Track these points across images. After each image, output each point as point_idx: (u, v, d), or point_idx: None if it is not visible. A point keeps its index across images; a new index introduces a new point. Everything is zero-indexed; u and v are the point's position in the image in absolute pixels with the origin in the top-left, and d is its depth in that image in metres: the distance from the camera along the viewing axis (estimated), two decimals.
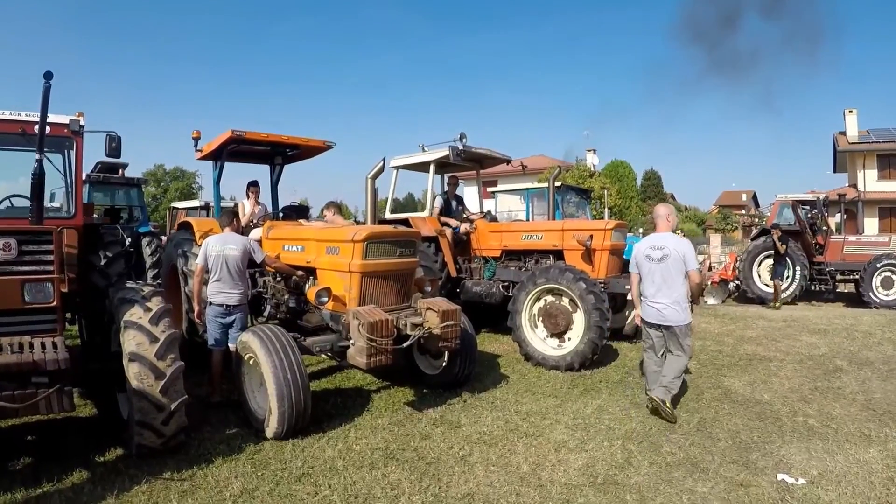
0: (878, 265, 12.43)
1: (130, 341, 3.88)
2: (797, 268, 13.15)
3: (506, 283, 7.99)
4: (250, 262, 5.54)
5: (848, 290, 14.33)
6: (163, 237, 11.80)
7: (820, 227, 14.02)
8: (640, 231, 22.70)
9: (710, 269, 16.32)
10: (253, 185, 7.23)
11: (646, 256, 4.96)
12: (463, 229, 8.65)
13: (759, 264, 13.65)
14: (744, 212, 46.76)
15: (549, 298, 6.87)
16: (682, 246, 4.88)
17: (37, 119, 4.13)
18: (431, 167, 8.70)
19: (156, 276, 9.53)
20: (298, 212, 7.59)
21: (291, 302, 5.63)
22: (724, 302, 14.17)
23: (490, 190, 14.69)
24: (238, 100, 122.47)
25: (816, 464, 4.04)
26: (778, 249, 12.21)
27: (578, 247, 7.48)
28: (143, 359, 3.83)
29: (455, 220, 8.70)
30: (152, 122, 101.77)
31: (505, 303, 7.37)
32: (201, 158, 6.85)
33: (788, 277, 13.14)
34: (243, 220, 6.69)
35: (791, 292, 13.16)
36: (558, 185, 11.72)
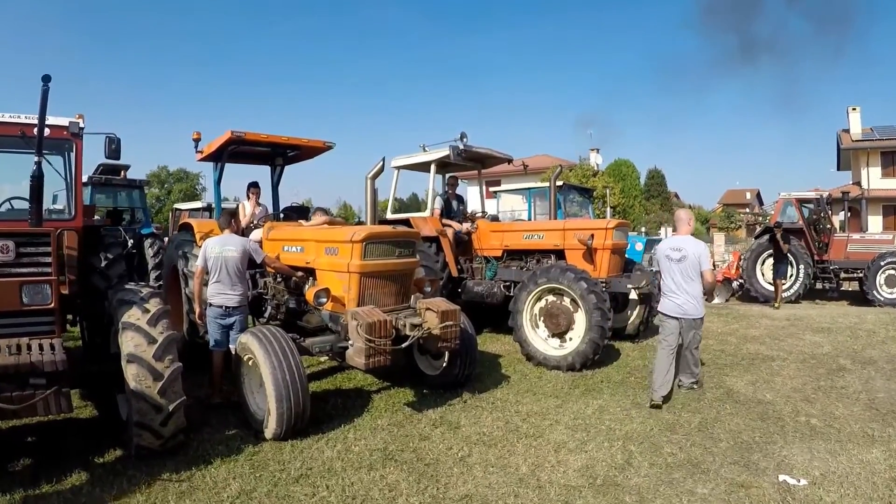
0: (882, 263, 12.33)
1: (129, 342, 3.90)
2: (801, 266, 13.06)
3: (507, 283, 7.98)
4: (251, 263, 5.54)
5: (852, 289, 14.24)
6: (165, 239, 11.83)
7: (824, 226, 13.94)
8: (642, 230, 22.58)
9: (714, 267, 16.25)
10: (253, 186, 7.24)
11: (666, 256, 5.44)
12: (464, 229, 8.64)
13: (763, 263, 13.57)
14: (748, 210, 46.55)
15: (551, 298, 6.85)
16: (699, 248, 5.40)
17: (36, 121, 4.15)
18: (432, 167, 8.70)
19: (158, 278, 9.54)
20: (299, 212, 7.58)
21: (291, 303, 5.64)
22: (727, 301, 14.13)
23: (492, 190, 14.71)
24: (238, 100, 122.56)
25: (819, 464, 4.00)
26: (779, 249, 12.14)
27: (580, 246, 7.46)
28: (142, 360, 3.84)
29: (457, 224, 8.68)
30: (155, 123, 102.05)
31: (506, 303, 7.35)
32: (202, 160, 6.86)
33: (792, 276, 13.05)
34: (244, 221, 6.70)
35: (795, 291, 13.08)
36: (560, 184, 11.71)
